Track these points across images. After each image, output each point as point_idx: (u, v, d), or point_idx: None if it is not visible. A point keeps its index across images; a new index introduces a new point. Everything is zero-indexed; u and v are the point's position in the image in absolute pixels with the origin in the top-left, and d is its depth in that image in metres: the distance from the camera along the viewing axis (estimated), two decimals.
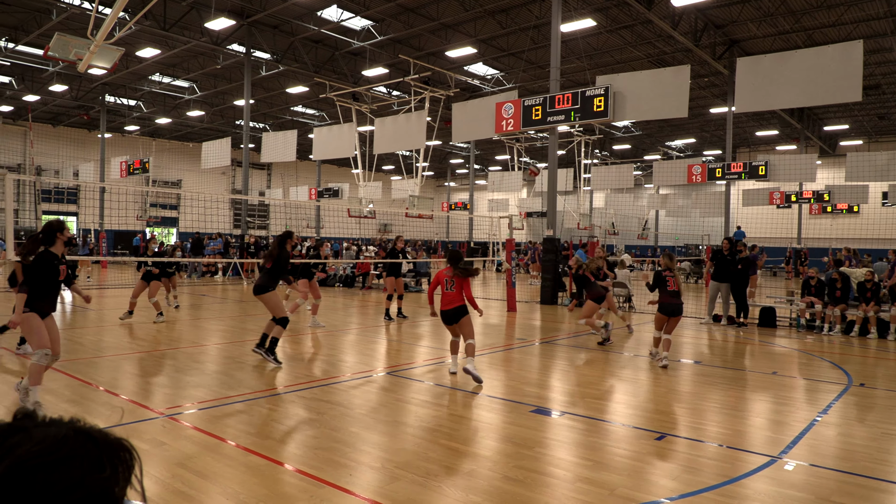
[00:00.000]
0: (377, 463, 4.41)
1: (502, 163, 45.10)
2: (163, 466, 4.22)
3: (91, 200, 37.05)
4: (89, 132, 38.17)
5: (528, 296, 18.69)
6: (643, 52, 23.93)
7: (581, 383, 7.29)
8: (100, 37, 12.45)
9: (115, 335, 9.81)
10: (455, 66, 25.30)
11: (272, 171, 47.12)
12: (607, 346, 9.81)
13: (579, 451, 4.78)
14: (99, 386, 6.47)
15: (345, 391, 6.56)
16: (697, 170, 23.83)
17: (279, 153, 24.19)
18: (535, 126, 15.73)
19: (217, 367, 7.59)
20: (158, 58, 24.90)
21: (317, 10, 20.71)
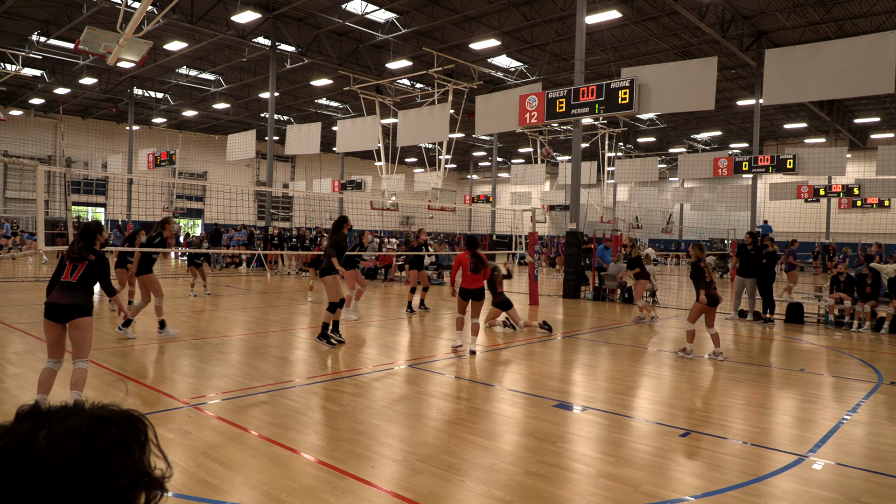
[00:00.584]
0: (399, 455, 4.43)
1: (525, 155, 44.86)
2: (187, 455, 4.28)
3: (119, 192, 37.68)
4: (118, 124, 38.78)
5: (551, 289, 18.60)
6: (669, 44, 23.57)
7: (604, 378, 7.24)
8: (128, 30, 12.61)
9: (141, 325, 9.98)
10: (479, 58, 25.17)
11: (296, 164, 47.45)
12: (629, 341, 9.72)
13: (602, 447, 4.75)
14: (125, 375, 6.58)
15: (367, 383, 6.60)
16: (723, 163, 23.45)
17: (303, 146, 24.33)
18: (559, 118, 15.59)
19: (241, 358, 7.69)
20: (185, 51, 25.17)
21: (341, 2, 20.74)
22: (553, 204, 34.34)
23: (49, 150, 36.55)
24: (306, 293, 15.32)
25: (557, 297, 16.42)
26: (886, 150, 20.61)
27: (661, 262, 33.67)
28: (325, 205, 42.33)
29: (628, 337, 10.33)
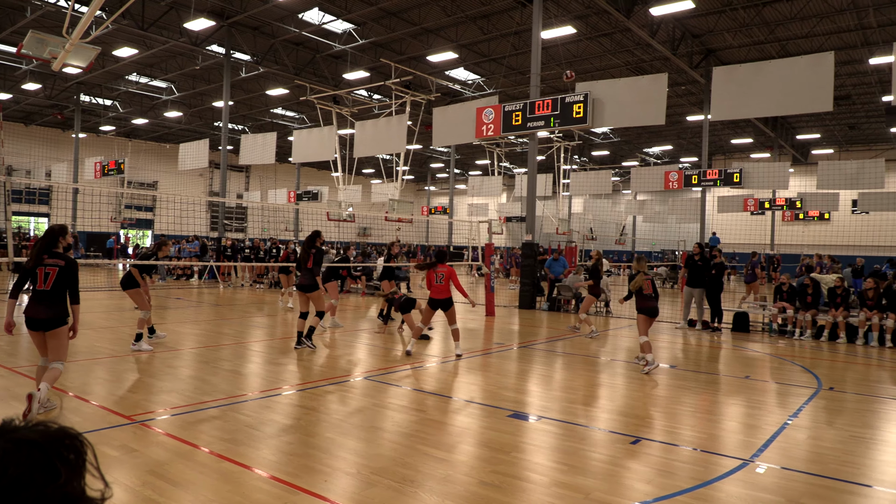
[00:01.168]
0: (353, 469, 4.39)
1: (482, 167, 45.24)
2: (133, 474, 4.15)
3: (63, 202, 36.33)
4: (63, 132, 37.51)
5: (507, 300, 18.75)
6: (622, 60, 24.20)
7: (558, 388, 7.33)
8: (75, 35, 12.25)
9: (86, 339, 9.64)
10: (436, 70, 25.34)
11: (250, 174, 46.72)
12: (582, 350, 9.87)
13: (555, 456, 4.80)
14: (69, 391, 6.34)
15: (322, 396, 6.52)
16: (674, 176, 24.13)
17: (258, 155, 23.98)
18: (515, 131, 15.80)
19: (191, 372, 7.50)
20: (136, 57, 24.58)
21: (298, 12, 20.62)
22: (510, 215, 34.70)
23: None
24: (261, 305, 15.05)
25: (513, 308, 16.56)
26: (826, 166, 21.56)
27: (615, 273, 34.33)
28: (281, 215, 41.77)
29: (583, 347, 10.49)
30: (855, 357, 10.15)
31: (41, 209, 36.84)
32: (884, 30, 20.12)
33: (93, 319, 11.53)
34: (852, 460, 4.90)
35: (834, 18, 19.60)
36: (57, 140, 37.67)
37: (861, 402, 6.98)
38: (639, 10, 18.40)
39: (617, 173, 44.44)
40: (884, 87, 25.43)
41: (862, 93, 27.31)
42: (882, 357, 10.20)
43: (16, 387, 6.42)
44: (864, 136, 35.82)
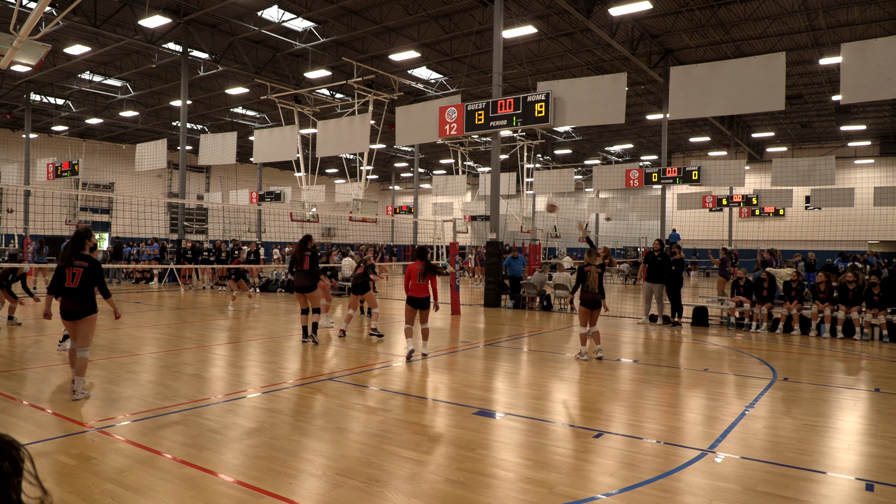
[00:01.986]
0: (318, 470, 4.36)
1: (447, 166, 45.32)
2: (90, 482, 4.04)
3: (15, 204, 35.10)
4: (13, 132, 36.23)
5: (471, 299, 18.83)
6: (583, 60, 24.52)
7: (524, 384, 7.40)
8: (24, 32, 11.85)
9: (41, 346, 9.34)
10: (399, 69, 25.27)
11: (211, 175, 45.87)
12: (548, 348, 9.99)
13: (521, 452, 4.85)
14: (23, 400, 6.15)
15: (286, 399, 6.45)
16: (635, 174, 24.57)
17: (218, 156, 23.55)
18: (479, 130, 15.87)
19: (152, 377, 7.34)
20: (89, 55, 23.89)
21: (257, 9, 20.32)
22: (474, 214, 34.83)
23: None
24: (224, 308, 14.80)
25: (479, 307, 16.64)
26: (780, 163, 22.21)
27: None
28: (243, 216, 41.13)
29: (547, 344, 10.61)
30: (808, 348, 10.49)
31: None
32: (833, 31, 20.82)
33: (48, 325, 11.18)
34: (807, 448, 5.07)
35: (786, 20, 20.20)
36: (6, 140, 36.35)
37: (815, 392, 7.23)
38: (598, 10, 18.67)
39: (580, 171, 45.02)
40: (833, 87, 26.32)
41: (813, 92, 28.22)
42: (834, 348, 10.57)
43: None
44: (815, 134, 37.03)
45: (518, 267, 16.86)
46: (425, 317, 8.97)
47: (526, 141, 30.62)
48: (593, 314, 9.07)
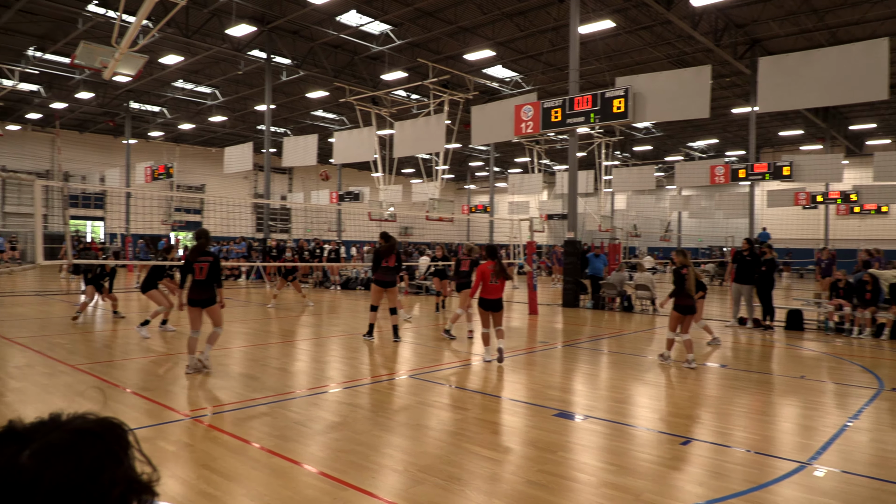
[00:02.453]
0: (400, 466, 4.41)
1: (522, 165, 44.99)
2: (188, 467, 4.26)
3: (117, 206, 37.69)
4: (115, 138, 38.83)
5: (549, 298, 18.60)
6: (663, 53, 23.73)
7: (604, 387, 7.23)
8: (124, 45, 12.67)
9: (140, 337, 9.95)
10: (473, 68, 25.30)
11: (293, 176, 47.52)
12: (629, 350, 9.72)
13: (603, 456, 4.74)
14: (126, 388, 6.56)
15: (367, 394, 6.58)
16: (720, 171, 23.54)
17: (300, 157, 24.37)
18: (555, 128, 15.66)
19: (241, 370, 7.66)
20: (181, 64, 25.26)
21: (336, 15, 20.86)
22: (551, 213, 34.41)
23: (46, 164, 36.58)
24: (306, 304, 15.27)
25: (556, 307, 16.41)
26: (883, 157, 20.71)
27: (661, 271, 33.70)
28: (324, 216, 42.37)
29: (628, 345, 10.33)
30: None
31: (96, 213, 38.23)
32: None
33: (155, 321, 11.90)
34: None
35: (888, 3, 18.78)
36: (109, 146, 39.04)
37: None
38: (679, 1, 18.00)
39: (660, 168, 43.62)
40: None
41: None
42: None
43: (78, 384, 6.67)
44: None
45: (599, 266, 16.48)
46: (499, 318, 8.49)
47: (604, 138, 29.95)
48: (686, 320, 8.48)
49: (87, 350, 8.79)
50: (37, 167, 35.87)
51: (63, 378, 6.96)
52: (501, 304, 8.44)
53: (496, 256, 8.46)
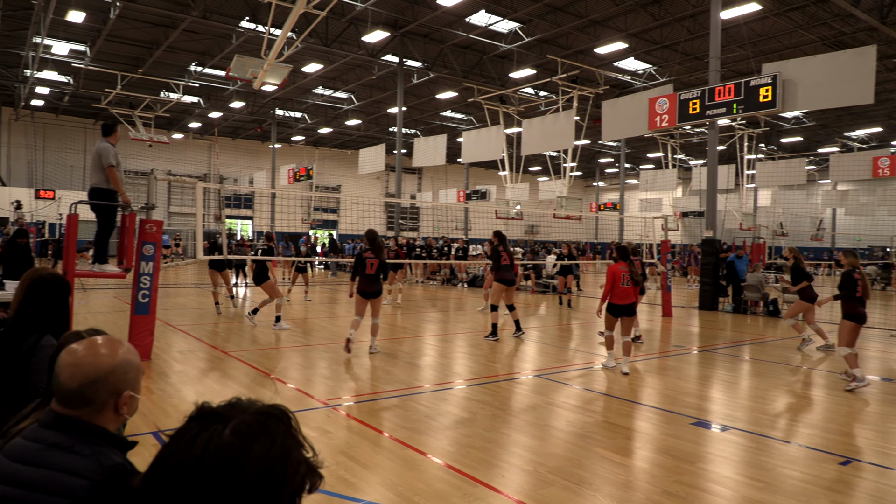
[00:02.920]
0: (529, 466, 4.40)
1: (655, 160, 43.09)
2: (327, 453, 4.51)
3: (264, 205, 40.80)
4: (262, 143, 42.02)
5: (684, 300, 17.68)
6: (817, 35, 21.68)
7: (746, 396, 6.75)
8: (271, 56, 13.66)
9: (290, 330, 10.70)
10: (604, 62, 24.59)
11: (422, 175, 48.83)
12: (774, 357, 8.99)
13: (746, 470, 4.43)
14: (271, 374, 7.08)
15: (495, 392, 6.62)
16: (885, 162, 21.15)
17: (429, 157, 24.98)
18: (693, 121, 14.83)
19: (374, 363, 8.00)
20: (321, 72, 26.79)
21: (465, 16, 21.13)
22: (686, 210, 32.67)
23: (204, 168, 40.34)
24: (434, 301, 15.60)
25: (692, 309, 15.57)
26: None
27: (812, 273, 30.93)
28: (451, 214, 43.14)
29: (773, 353, 9.58)
30: None
31: (245, 213, 41.59)
32: None
33: (289, 312, 12.77)
34: None
35: None
36: (257, 151, 42.33)
37: None
38: None
39: (812, 161, 39.94)
40: None
41: None
42: None
43: (230, 369, 7.31)
44: None
45: (742, 268, 15.44)
46: (629, 327, 7.86)
47: (746, 130, 27.93)
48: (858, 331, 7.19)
49: (239, 339, 9.60)
50: (196, 171, 39.68)
51: (218, 363, 7.65)
52: (634, 309, 7.84)
53: (628, 258, 7.86)
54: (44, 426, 1.59)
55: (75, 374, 1.58)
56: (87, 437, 1.57)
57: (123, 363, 1.64)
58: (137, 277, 7.50)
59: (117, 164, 7.50)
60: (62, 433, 1.56)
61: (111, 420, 1.64)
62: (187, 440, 0.92)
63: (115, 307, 12.91)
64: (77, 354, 1.60)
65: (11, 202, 27.11)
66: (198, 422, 0.95)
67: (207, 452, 0.89)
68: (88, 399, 1.58)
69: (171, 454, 0.93)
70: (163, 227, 8.17)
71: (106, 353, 1.62)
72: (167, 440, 0.97)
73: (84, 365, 1.59)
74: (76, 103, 32.32)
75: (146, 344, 7.57)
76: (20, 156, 33.89)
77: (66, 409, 1.58)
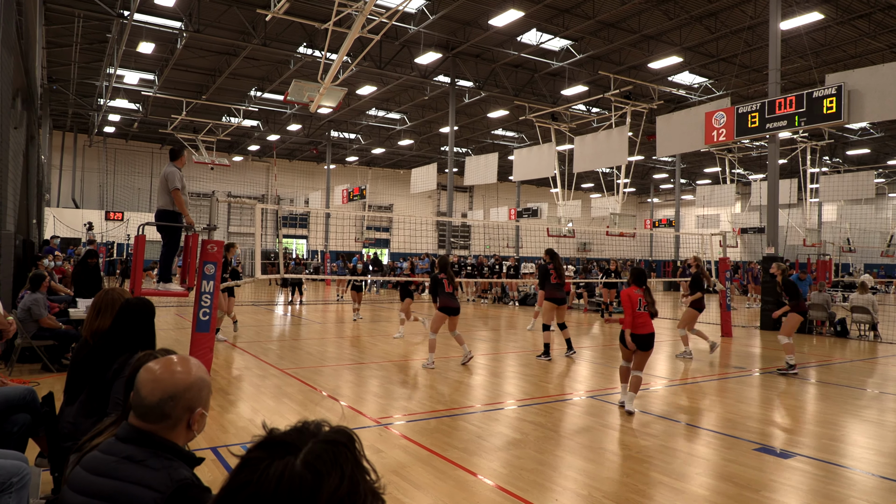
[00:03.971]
0: (584, 490, 4.31)
1: (712, 175, 41.97)
2: (380, 472, 4.54)
3: (318, 225, 41.71)
4: (317, 164, 43.07)
5: (745, 320, 17.07)
6: (884, 43, 20.81)
7: (812, 421, 6.45)
8: (328, 80, 14.05)
9: (335, 346, 10.86)
10: (658, 77, 24.24)
11: (474, 193, 48.99)
12: (843, 380, 8.57)
13: (815, 499, 4.22)
14: (323, 391, 7.19)
15: (547, 413, 6.53)
16: None
17: (481, 176, 25.08)
18: (752, 134, 14.42)
19: (424, 381, 8.03)
20: (374, 94, 27.35)
21: (516, 35, 21.24)
22: (745, 227, 31.65)
23: (262, 189, 41.60)
24: (486, 319, 15.57)
25: (753, 329, 15.01)
26: None
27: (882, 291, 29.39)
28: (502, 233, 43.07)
29: (842, 375, 9.13)
30: None
31: (301, 232, 42.59)
32: None
33: (339, 329, 12.96)
34: None
35: None
36: (312, 172, 43.40)
37: None
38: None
39: (881, 174, 38.14)
40: None
41: None
42: None
43: (285, 385, 7.46)
44: None
45: (804, 288, 14.87)
46: (642, 361, 6.70)
47: (809, 142, 26.95)
48: None
49: (292, 356, 9.80)
50: (255, 192, 40.97)
51: (273, 380, 7.83)
52: (653, 341, 6.67)
53: (644, 283, 6.85)
54: (120, 439, 1.69)
55: (155, 389, 1.68)
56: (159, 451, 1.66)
57: (198, 380, 1.73)
58: (199, 296, 7.77)
59: (182, 187, 7.84)
60: (137, 446, 1.66)
61: (182, 436, 1.73)
62: (260, 471, 0.92)
63: (177, 324, 13.40)
64: (156, 372, 1.71)
65: (84, 223, 28.57)
66: (268, 450, 0.96)
67: (280, 487, 0.90)
68: (166, 414, 1.68)
69: (245, 485, 0.93)
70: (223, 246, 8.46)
71: (182, 371, 1.72)
72: (237, 467, 0.97)
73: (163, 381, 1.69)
74: (144, 129, 33.98)
75: (206, 360, 7.81)
76: (92, 179, 35.75)
77: (144, 423, 1.68)
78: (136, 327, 2.80)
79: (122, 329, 2.79)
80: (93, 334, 2.86)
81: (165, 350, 1.92)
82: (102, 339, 2.83)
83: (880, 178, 38.68)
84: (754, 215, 33.76)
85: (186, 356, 1.80)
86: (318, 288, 28.64)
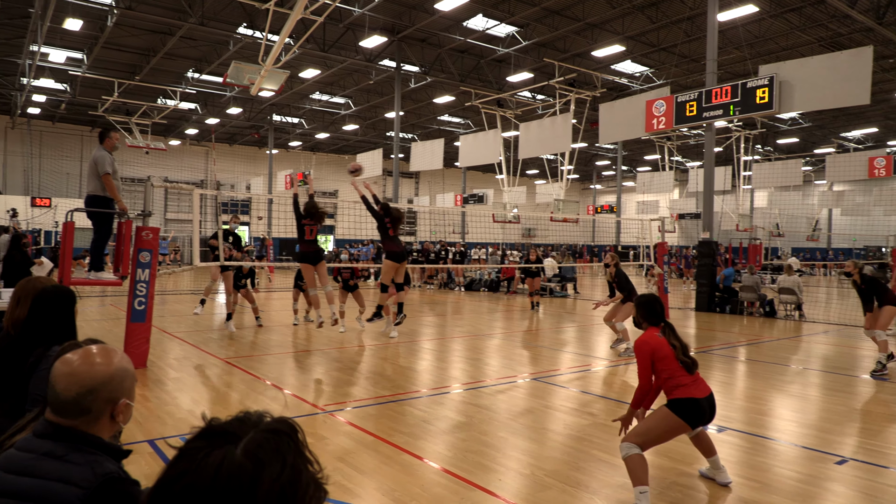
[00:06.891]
0: (526, 469, 4.40)
1: (652, 163, 43.18)
2: (324, 460, 4.50)
3: (261, 211, 40.78)
4: (259, 149, 42.02)
5: (681, 302, 17.70)
6: (813, 36, 21.76)
7: (742, 397, 6.76)
8: (269, 62, 13.68)
9: (279, 334, 10.69)
10: (601, 65, 24.65)
11: (420, 180, 48.85)
12: (770, 358, 9.01)
13: (742, 471, 4.43)
14: (266, 380, 7.08)
15: (491, 395, 6.62)
16: (881, 162, 21.23)
17: (427, 162, 25.01)
18: (690, 123, 14.89)
19: (370, 368, 8.00)
20: (318, 77, 26.81)
21: (462, 20, 21.18)
22: (683, 212, 32.73)
23: (202, 174, 40.32)
24: (432, 305, 15.61)
25: (689, 310, 15.59)
26: None
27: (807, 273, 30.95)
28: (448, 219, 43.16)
29: (769, 354, 9.59)
30: None
31: (243, 219, 41.55)
32: None
33: (282, 318, 12.76)
34: None
35: None
36: (254, 157, 42.32)
37: None
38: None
39: (808, 162, 40.05)
40: None
41: None
42: None
43: (226, 375, 7.29)
44: None
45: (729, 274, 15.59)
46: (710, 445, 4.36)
47: (743, 131, 28.03)
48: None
49: (235, 345, 9.59)
50: (194, 177, 39.66)
51: (213, 370, 7.65)
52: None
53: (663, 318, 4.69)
54: (38, 436, 1.59)
55: (71, 383, 1.58)
56: (80, 445, 1.57)
57: (119, 371, 1.64)
58: (133, 285, 7.50)
59: (114, 171, 7.51)
60: (56, 442, 1.56)
61: (106, 428, 1.64)
62: (199, 460, 0.89)
63: (111, 315, 12.90)
64: (73, 364, 1.60)
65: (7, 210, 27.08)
66: (207, 440, 0.92)
67: (219, 475, 0.87)
68: (85, 408, 1.58)
69: (182, 474, 0.89)
70: (159, 233, 8.17)
71: (101, 362, 1.62)
72: (174, 458, 0.94)
73: (80, 374, 1.59)
74: (73, 111, 32.33)
75: (142, 352, 7.57)
76: (16, 164, 33.87)
77: (62, 418, 1.58)
78: (52, 317, 2.64)
79: (37, 319, 2.63)
80: (13, 324, 2.70)
81: (92, 340, 1.82)
82: (18, 330, 2.67)
83: (808, 167, 40.59)
84: (691, 201, 34.95)
85: (107, 346, 1.71)
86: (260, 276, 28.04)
